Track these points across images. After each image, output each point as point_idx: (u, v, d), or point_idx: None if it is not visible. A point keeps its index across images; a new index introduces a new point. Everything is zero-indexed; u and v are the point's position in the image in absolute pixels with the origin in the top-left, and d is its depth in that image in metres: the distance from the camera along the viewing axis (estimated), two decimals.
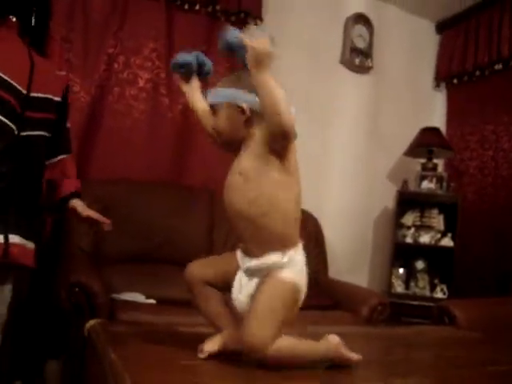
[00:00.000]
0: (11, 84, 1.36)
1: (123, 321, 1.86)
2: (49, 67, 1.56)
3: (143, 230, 2.59)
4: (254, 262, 1.10)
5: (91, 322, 1.27)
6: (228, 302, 1.17)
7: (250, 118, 1.13)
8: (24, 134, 1.39)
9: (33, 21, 1.46)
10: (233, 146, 1.18)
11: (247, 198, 1.10)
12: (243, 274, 1.13)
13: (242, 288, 1.12)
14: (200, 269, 1.17)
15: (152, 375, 0.99)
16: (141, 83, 2.83)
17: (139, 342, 1.19)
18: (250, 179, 1.10)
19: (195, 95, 1.29)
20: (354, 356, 1.14)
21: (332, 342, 1.13)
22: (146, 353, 1.05)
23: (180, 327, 1.40)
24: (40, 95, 1.45)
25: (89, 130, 2.68)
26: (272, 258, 1.09)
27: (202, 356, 1.11)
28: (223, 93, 1.15)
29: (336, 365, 1.13)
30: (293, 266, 1.10)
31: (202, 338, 1.18)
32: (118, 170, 2.74)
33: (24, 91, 1.39)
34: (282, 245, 1.10)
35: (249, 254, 1.13)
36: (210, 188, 2.90)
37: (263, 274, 1.10)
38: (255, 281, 1.10)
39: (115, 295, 2.21)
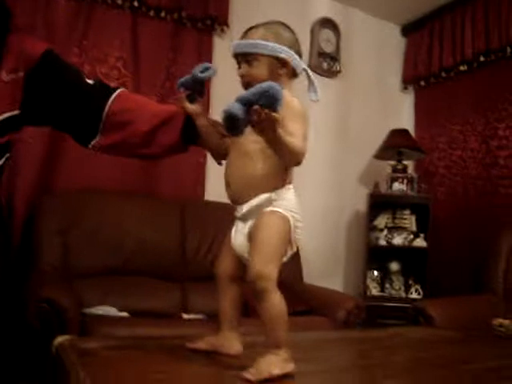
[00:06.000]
0: None
1: (93, 336, 1.80)
2: None
3: (114, 241, 2.53)
4: (245, 206, 1.13)
5: (59, 339, 1.21)
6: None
7: (287, 73, 1.19)
8: None
9: None
10: None
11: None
12: (239, 221, 1.17)
13: (238, 232, 1.16)
14: (221, 265, 1.21)
15: None
16: None
17: (110, 358, 1.14)
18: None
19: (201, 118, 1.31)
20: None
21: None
22: (117, 369, 1.01)
23: (152, 340, 1.36)
24: None
25: (56, 139, 2.60)
26: (262, 197, 1.12)
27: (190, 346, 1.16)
28: (263, 45, 1.18)
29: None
30: (282, 201, 1.12)
31: (176, 351, 1.15)
32: (88, 179, 2.67)
33: None
34: (273, 187, 1.12)
35: (241, 202, 1.15)
36: (181, 198, 2.87)
37: (256, 216, 1.12)
38: (249, 222, 1.14)
39: (87, 310, 2.16)
